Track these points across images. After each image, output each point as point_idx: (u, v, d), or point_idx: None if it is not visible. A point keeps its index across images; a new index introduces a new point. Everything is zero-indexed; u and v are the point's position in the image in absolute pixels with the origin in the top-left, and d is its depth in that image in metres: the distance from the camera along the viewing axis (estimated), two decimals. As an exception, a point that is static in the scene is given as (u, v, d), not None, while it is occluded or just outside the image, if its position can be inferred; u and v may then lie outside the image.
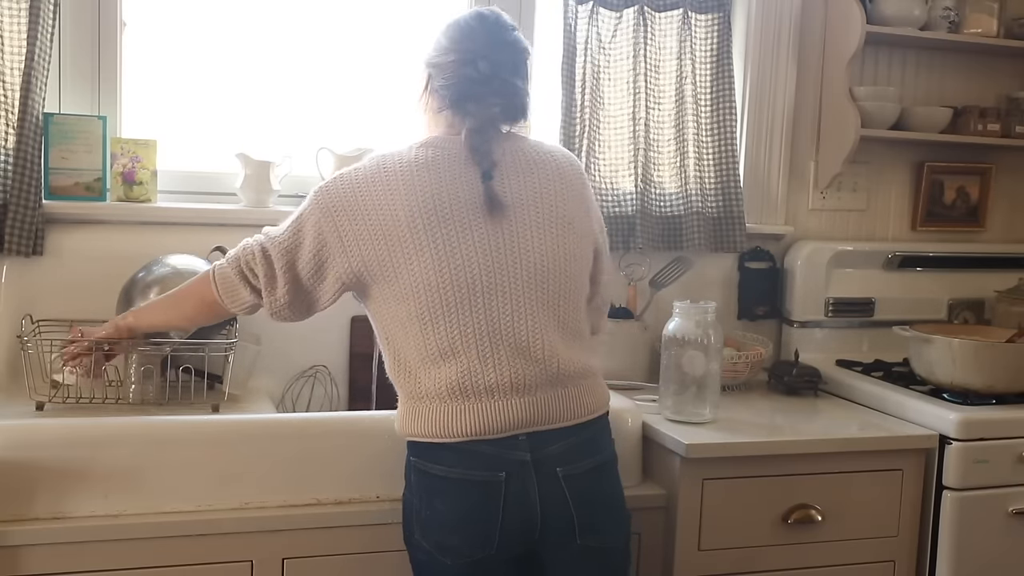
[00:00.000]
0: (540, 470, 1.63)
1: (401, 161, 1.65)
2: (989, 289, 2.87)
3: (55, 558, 1.69)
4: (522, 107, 1.71)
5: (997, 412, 2.23)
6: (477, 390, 1.61)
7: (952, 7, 2.73)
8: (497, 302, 1.62)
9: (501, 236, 1.64)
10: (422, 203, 1.61)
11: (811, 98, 2.76)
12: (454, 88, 1.68)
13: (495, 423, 1.61)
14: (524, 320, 1.63)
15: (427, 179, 1.63)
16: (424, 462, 1.64)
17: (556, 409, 1.65)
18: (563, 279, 1.68)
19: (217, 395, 2.03)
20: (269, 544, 1.79)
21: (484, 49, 1.67)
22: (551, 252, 1.67)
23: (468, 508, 1.61)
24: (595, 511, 1.67)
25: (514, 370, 1.62)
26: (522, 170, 1.69)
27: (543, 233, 1.67)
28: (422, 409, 1.63)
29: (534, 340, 1.63)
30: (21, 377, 2.02)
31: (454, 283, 1.60)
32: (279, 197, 2.39)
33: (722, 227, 2.64)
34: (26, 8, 2.11)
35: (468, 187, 1.64)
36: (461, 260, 1.61)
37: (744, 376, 2.46)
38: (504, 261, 1.63)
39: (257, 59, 2.47)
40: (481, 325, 1.61)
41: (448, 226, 1.61)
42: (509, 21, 1.73)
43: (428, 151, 1.66)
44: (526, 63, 1.73)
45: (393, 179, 1.63)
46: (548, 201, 1.69)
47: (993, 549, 2.22)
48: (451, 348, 1.61)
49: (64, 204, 2.22)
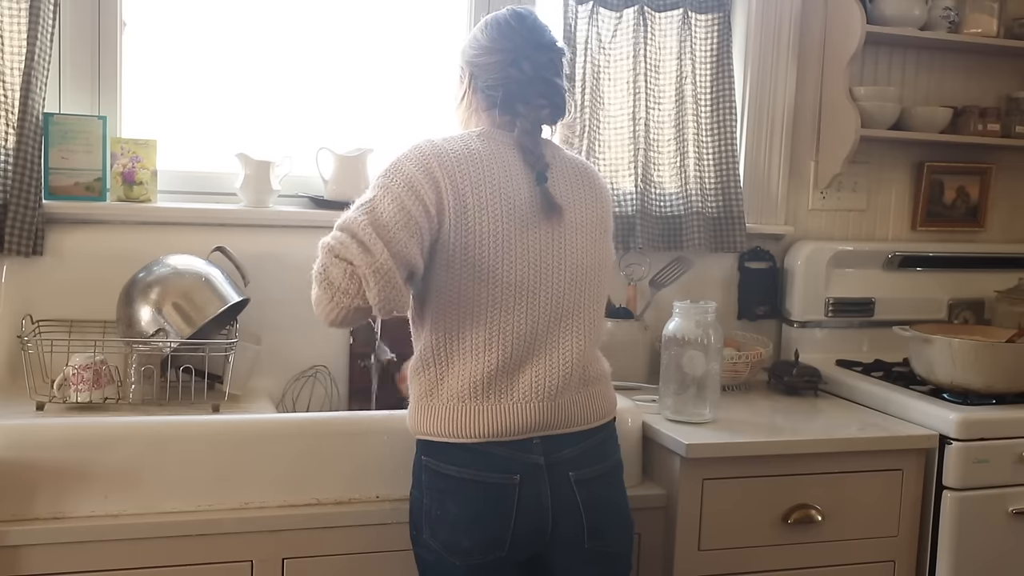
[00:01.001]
0: (553, 474, 1.63)
1: (469, 149, 1.62)
2: (989, 289, 2.87)
3: (55, 558, 1.69)
4: (564, 106, 1.72)
5: (997, 412, 2.23)
6: (499, 391, 1.61)
7: (952, 7, 2.73)
8: (539, 303, 1.62)
9: (551, 239, 1.64)
10: (490, 196, 1.60)
11: (811, 98, 2.76)
12: (503, 88, 1.67)
13: (512, 425, 1.61)
14: (559, 323, 1.64)
15: (497, 173, 1.62)
16: (436, 462, 1.63)
17: (571, 413, 1.65)
18: (596, 284, 1.69)
19: (217, 395, 2.03)
20: (269, 544, 1.79)
21: (526, 49, 1.68)
22: (589, 257, 1.68)
23: (481, 510, 1.61)
24: (604, 516, 1.67)
25: (537, 374, 1.62)
26: (567, 175, 1.70)
27: (584, 238, 1.68)
28: (438, 407, 1.63)
29: (564, 344, 1.64)
30: (21, 377, 2.02)
31: (504, 279, 1.60)
32: (279, 197, 2.39)
33: (722, 227, 2.64)
34: (26, 8, 2.10)
35: (527, 186, 1.64)
36: (515, 257, 1.61)
37: (744, 376, 2.46)
38: (550, 263, 1.64)
39: (257, 59, 2.47)
40: (520, 325, 1.61)
41: (510, 223, 1.61)
42: (543, 21, 1.73)
43: (489, 144, 1.65)
44: (564, 63, 1.74)
45: (462, 162, 1.60)
46: (588, 207, 1.70)
47: (993, 549, 2.22)
48: (486, 344, 1.60)
49: (64, 204, 2.22)
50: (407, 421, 1.70)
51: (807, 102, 2.76)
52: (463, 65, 1.73)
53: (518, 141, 1.66)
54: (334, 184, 2.39)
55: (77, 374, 1.93)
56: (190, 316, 2.02)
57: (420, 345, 1.67)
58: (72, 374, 1.94)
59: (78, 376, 1.93)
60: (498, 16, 1.72)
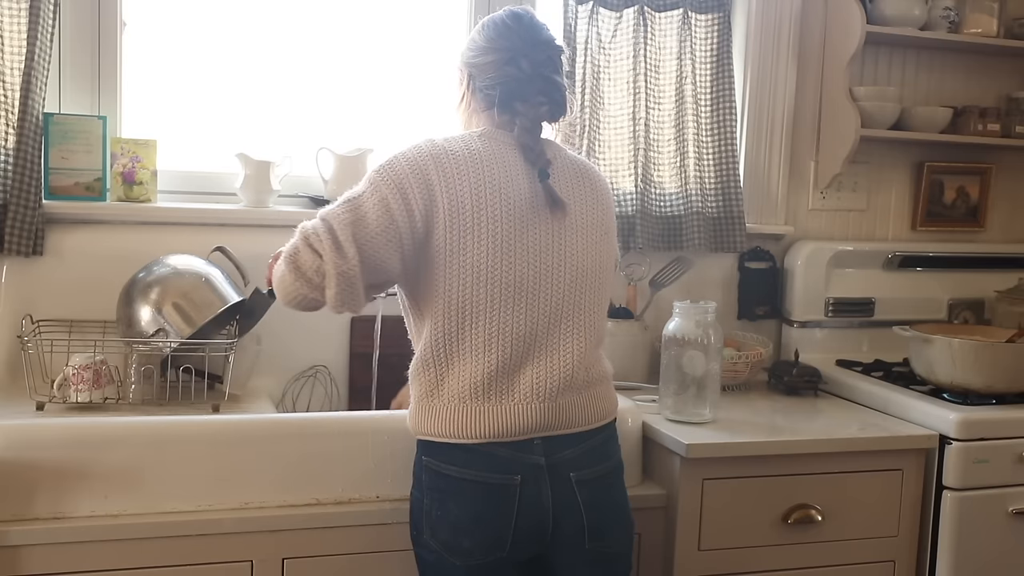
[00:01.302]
0: (554, 474, 1.63)
1: (468, 148, 1.63)
2: (989, 289, 2.87)
3: (55, 558, 1.69)
4: (564, 104, 1.72)
5: (997, 412, 2.23)
6: (500, 392, 1.61)
7: (952, 7, 2.73)
8: (539, 303, 1.62)
9: (552, 238, 1.64)
10: (490, 195, 1.60)
11: (811, 98, 2.76)
12: (500, 87, 1.67)
13: (513, 426, 1.61)
14: (559, 323, 1.64)
15: (496, 172, 1.62)
16: (437, 462, 1.63)
17: (572, 414, 1.65)
18: (597, 285, 1.69)
19: (217, 395, 2.03)
20: (269, 544, 1.79)
21: (523, 47, 1.67)
22: (591, 258, 1.68)
23: (482, 511, 1.61)
24: (604, 517, 1.67)
25: (538, 374, 1.62)
26: (568, 174, 1.70)
27: (586, 238, 1.67)
28: (439, 408, 1.63)
29: (564, 344, 1.64)
30: (21, 377, 2.02)
31: (503, 279, 1.60)
32: (279, 197, 2.39)
33: (722, 227, 2.64)
34: (26, 8, 2.11)
35: (528, 185, 1.64)
36: (513, 257, 1.60)
37: (744, 376, 2.46)
38: (551, 263, 1.63)
39: (257, 59, 2.47)
40: (520, 325, 1.61)
41: (510, 222, 1.60)
42: (541, 20, 1.73)
43: (490, 143, 1.65)
44: (562, 60, 1.74)
45: (462, 164, 1.60)
46: (591, 207, 1.70)
47: (993, 549, 2.22)
48: (485, 344, 1.60)
49: (64, 204, 2.22)
50: (408, 421, 1.70)
51: (807, 102, 2.76)
52: (461, 67, 1.73)
53: (518, 139, 1.66)
54: (334, 184, 2.39)
55: (77, 374, 1.93)
56: (190, 316, 2.02)
57: (420, 345, 1.66)
58: (72, 374, 1.94)
59: (78, 376, 1.93)
60: (495, 17, 1.72)
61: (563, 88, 1.71)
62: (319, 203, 2.40)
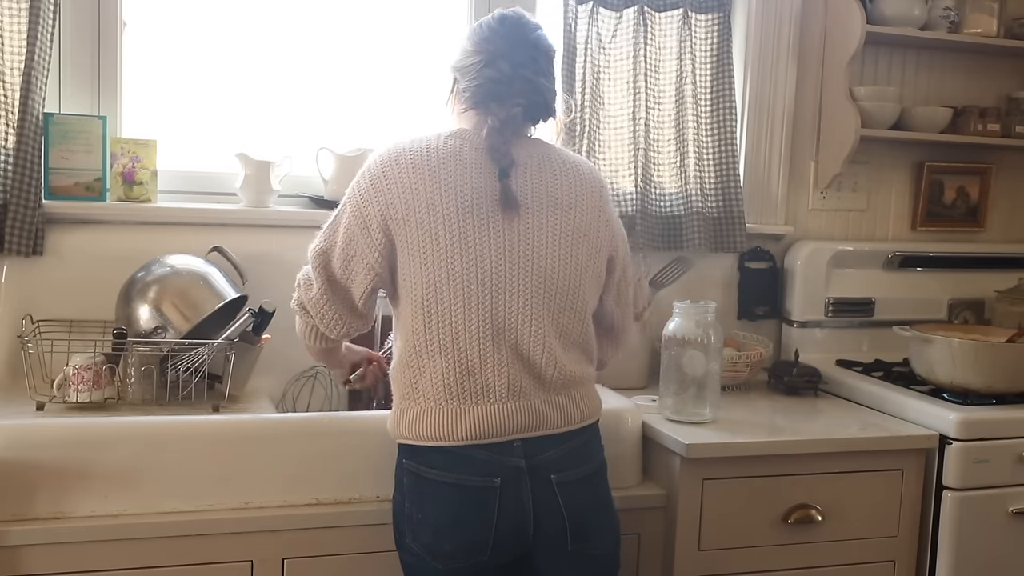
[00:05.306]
0: (535, 476, 1.63)
1: (429, 148, 1.65)
2: (989, 289, 2.87)
3: (55, 558, 1.69)
4: (546, 105, 1.72)
5: (997, 412, 2.23)
6: (475, 392, 1.61)
7: (952, 7, 2.73)
8: (504, 301, 1.62)
9: (515, 236, 1.64)
10: (444, 193, 1.61)
11: (811, 98, 2.76)
12: (478, 89, 1.69)
13: (491, 427, 1.61)
14: (528, 323, 1.63)
15: (452, 170, 1.63)
16: (416, 465, 1.64)
17: (551, 415, 1.65)
18: (570, 287, 1.67)
19: (217, 395, 2.03)
20: (269, 544, 1.79)
21: (505, 49, 1.68)
22: (562, 259, 1.66)
23: (462, 513, 1.61)
24: (587, 518, 1.67)
25: (512, 373, 1.62)
26: (543, 175, 1.70)
27: (556, 239, 1.66)
28: (416, 411, 1.63)
29: (535, 344, 1.63)
30: (21, 377, 2.02)
31: (464, 276, 1.60)
32: (279, 197, 2.39)
33: (722, 227, 2.64)
34: (26, 8, 2.11)
35: (488, 184, 1.64)
36: (474, 254, 1.61)
37: (744, 376, 2.46)
38: (515, 261, 1.63)
39: (257, 59, 2.47)
40: (486, 322, 1.61)
41: (466, 219, 1.61)
42: (532, 21, 1.73)
43: (456, 142, 1.67)
44: (550, 61, 1.74)
45: (419, 165, 1.63)
46: (566, 209, 1.69)
47: (993, 549, 2.22)
48: (453, 342, 1.60)
49: (64, 204, 2.22)
50: (387, 425, 1.70)
51: (807, 102, 2.76)
52: (450, 71, 1.76)
53: (485, 139, 1.66)
54: (334, 184, 2.39)
55: (77, 374, 1.93)
56: (188, 315, 2.02)
57: (397, 347, 1.69)
58: (72, 374, 1.94)
59: (78, 376, 1.93)
60: (482, 20, 1.74)
61: (545, 89, 1.71)
62: (319, 203, 2.41)
